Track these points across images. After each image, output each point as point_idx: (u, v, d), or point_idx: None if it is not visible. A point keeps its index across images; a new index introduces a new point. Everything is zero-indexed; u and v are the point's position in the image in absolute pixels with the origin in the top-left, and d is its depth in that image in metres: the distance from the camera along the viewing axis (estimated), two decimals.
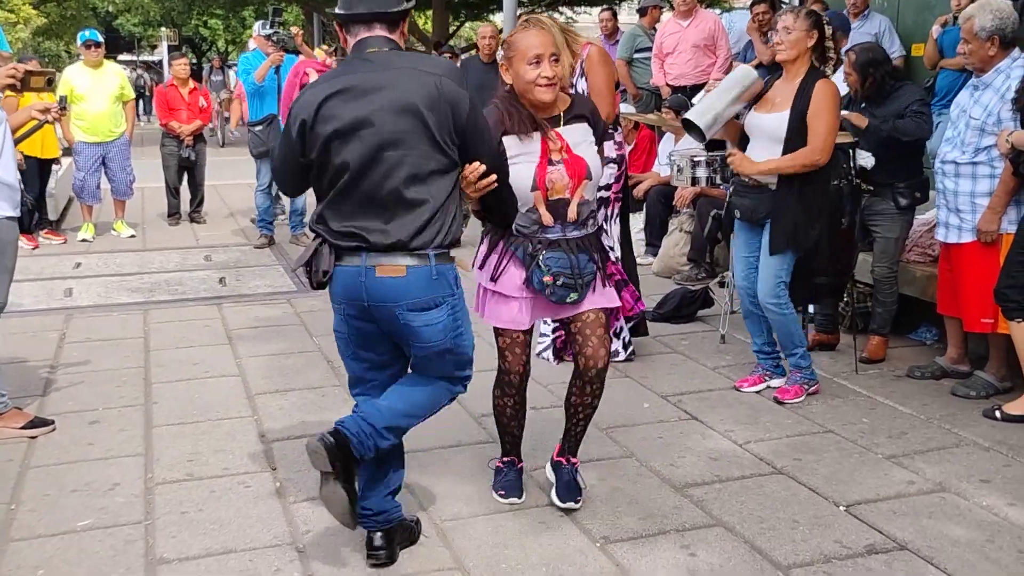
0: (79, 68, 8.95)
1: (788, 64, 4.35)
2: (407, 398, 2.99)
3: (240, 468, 3.84)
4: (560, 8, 21.64)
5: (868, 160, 4.94)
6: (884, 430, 4.21)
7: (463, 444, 4.03)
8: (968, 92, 4.59)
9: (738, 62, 8.10)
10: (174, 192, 9.91)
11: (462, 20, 25.20)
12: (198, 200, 10.06)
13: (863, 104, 5.03)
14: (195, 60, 36.27)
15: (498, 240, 3.32)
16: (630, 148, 7.82)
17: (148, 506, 3.51)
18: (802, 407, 4.48)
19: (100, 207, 9.45)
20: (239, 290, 7.01)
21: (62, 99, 4.82)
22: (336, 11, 2.92)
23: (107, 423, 4.33)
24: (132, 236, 9.17)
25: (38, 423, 4.21)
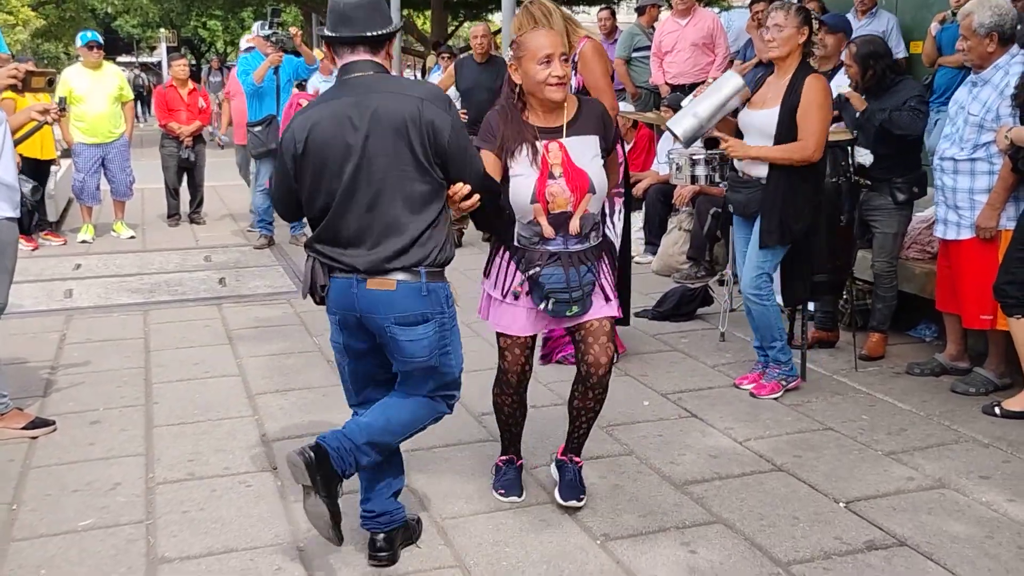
0: (78, 69, 8.95)
1: (779, 61, 4.37)
2: (388, 414, 3.00)
3: (241, 467, 3.84)
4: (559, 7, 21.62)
5: (867, 157, 4.94)
6: (884, 427, 4.22)
7: (463, 443, 4.04)
8: (967, 88, 4.60)
9: (738, 60, 8.11)
10: (173, 193, 9.92)
11: (461, 20, 25.22)
12: (197, 201, 10.07)
13: (863, 97, 5.03)
14: (194, 61, 36.26)
15: (503, 250, 3.33)
16: (629, 147, 7.83)
17: (149, 506, 3.52)
18: (802, 404, 4.48)
19: (100, 208, 9.45)
20: (239, 290, 7.01)
21: (61, 100, 4.82)
22: (323, 33, 2.95)
23: (108, 423, 4.33)
24: (132, 237, 9.17)
25: (39, 423, 4.22)
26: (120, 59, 36.54)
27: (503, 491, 3.53)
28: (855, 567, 3.05)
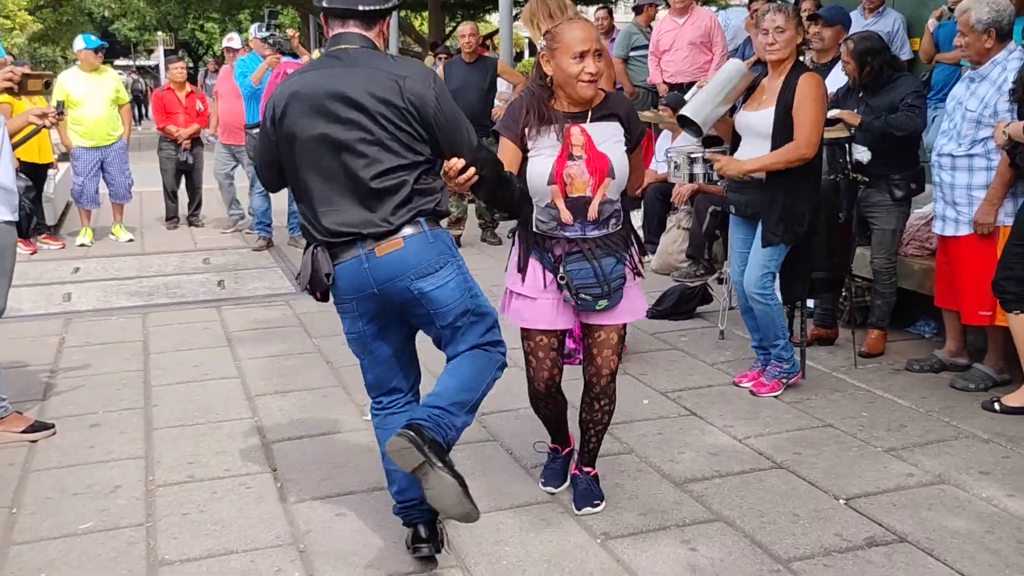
0: (75, 73, 8.94)
1: (779, 63, 4.37)
2: (454, 375, 2.94)
3: (241, 469, 3.84)
4: None
5: (864, 155, 4.94)
6: (883, 423, 4.22)
7: (464, 443, 4.01)
8: (964, 84, 4.60)
9: (736, 59, 8.10)
10: (172, 196, 9.91)
11: (458, 21, 25.20)
12: (196, 204, 10.07)
13: (860, 93, 5.04)
14: (191, 64, 36.28)
15: (523, 243, 3.30)
16: None
17: (149, 508, 3.52)
18: (801, 401, 4.48)
19: (98, 212, 9.45)
20: (238, 292, 7.01)
21: (59, 104, 4.81)
22: (317, 2, 2.94)
23: (108, 426, 4.33)
24: (130, 240, 9.17)
25: (39, 427, 4.22)
26: (117, 63, 36.57)
27: (543, 481, 3.62)
28: (856, 564, 3.05)
